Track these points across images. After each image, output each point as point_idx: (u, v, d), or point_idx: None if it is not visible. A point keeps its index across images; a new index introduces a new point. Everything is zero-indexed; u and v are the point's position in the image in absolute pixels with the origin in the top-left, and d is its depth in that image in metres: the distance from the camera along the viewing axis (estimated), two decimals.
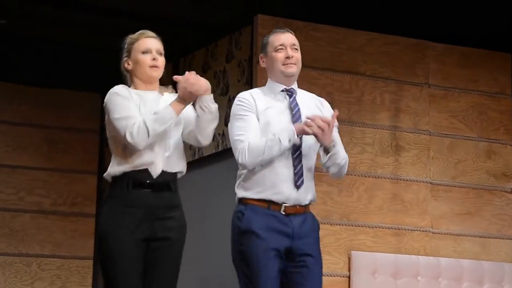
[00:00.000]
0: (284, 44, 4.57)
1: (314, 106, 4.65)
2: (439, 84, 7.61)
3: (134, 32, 7.16)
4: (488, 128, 7.71)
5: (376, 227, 7.19)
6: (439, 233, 7.39)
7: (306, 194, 4.65)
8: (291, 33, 4.65)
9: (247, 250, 4.47)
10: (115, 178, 4.39)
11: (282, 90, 4.60)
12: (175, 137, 4.48)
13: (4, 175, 8.54)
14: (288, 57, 4.54)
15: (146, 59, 4.44)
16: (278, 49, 4.56)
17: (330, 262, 6.93)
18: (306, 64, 6.93)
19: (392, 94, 7.44)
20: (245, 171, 4.52)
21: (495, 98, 7.77)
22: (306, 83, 7.02)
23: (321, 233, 6.81)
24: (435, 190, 7.45)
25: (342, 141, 7.03)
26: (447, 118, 7.60)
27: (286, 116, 4.54)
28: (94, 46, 7.89)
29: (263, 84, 6.60)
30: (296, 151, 4.53)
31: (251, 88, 6.82)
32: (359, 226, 7.14)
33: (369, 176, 7.25)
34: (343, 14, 7.27)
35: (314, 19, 7.23)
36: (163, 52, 4.52)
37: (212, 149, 7.38)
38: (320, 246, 6.69)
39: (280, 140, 4.39)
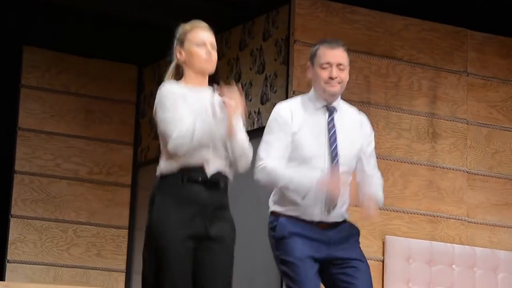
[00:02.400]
0: (331, 63, 4.46)
1: (352, 127, 4.58)
2: (478, 73, 7.54)
3: (172, 9, 7.35)
4: None
5: (411, 213, 7.15)
6: (474, 223, 7.34)
7: (338, 216, 4.57)
8: (342, 49, 4.52)
9: (284, 254, 4.44)
10: (167, 173, 4.24)
11: (323, 106, 4.52)
12: None
13: (41, 141, 8.54)
14: (331, 78, 4.44)
15: (201, 52, 4.35)
16: (323, 66, 4.46)
17: (365, 245, 6.71)
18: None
19: (430, 80, 7.38)
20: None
21: None
22: None
23: (355, 217, 6.84)
24: (472, 179, 7.40)
25: (377, 126, 7.07)
26: (486, 108, 7.54)
27: (322, 136, 4.47)
28: (134, 19, 7.93)
29: (300, 64, 6.86)
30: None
31: (287, 67, 7.00)
32: (394, 211, 7.11)
33: (405, 162, 7.20)
34: None
35: (351, 1, 7.17)
36: (216, 46, 4.43)
37: (248, 127, 7.23)
38: None
39: (298, 186, 4.37)
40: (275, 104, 6.93)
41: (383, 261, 6.90)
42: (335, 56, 4.46)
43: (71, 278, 8.32)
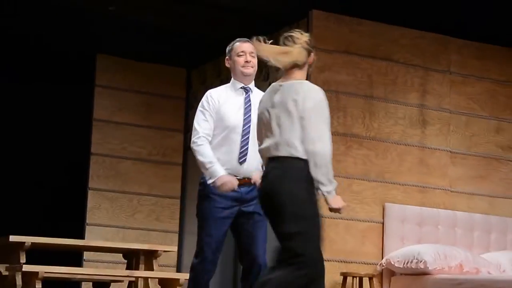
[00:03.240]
0: (245, 51, 4.65)
1: None
2: (459, 72, 7.51)
3: (214, 23, 7.38)
4: (497, 109, 7.62)
5: (405, 185, 7.14)
6: (456, 192, 7.33)
7: (248, 173, 4.60)
8: (250, 43, 4.59)
9: (203, 210, 4.61)
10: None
11: (241, 88, 4.68)
12: None
13: (111, 129, 8.53)
14: (247, 61, 4.64)
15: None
16: (240, 54, 4.66)
17: (368, 211, 6.98)
18: (351, 52, 7.13)
19: (420, 78, 7.35)
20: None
21: (504, 85, 7.67)
22: (350, 67, 7.13)
23: (360, 187, 7.01)
24: (454, 157, 7.38)
25: (379, 115, 7.12)
26: (465, 100, 7.51)
27: (241, 109, 4.63)
28: (183, 32, 7.88)
29: (316, 66, 6.70)
30: (245, 135, 4.59)
31: None
32: (391, 183, 7.10)
33: (400, 144, 7.19)
34: (383, 12, 7.19)
35: (358, 14, 7.15)
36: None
37: None
38: (360, 198, 6.90)
39: (207, 171, 4.53)
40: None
41: (383, 223, 6.89)
42: (248, 47, 4.65)
43: (136, 238, 8.28)
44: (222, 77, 8.14)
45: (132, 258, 6.71)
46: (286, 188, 3.90)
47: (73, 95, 8.64)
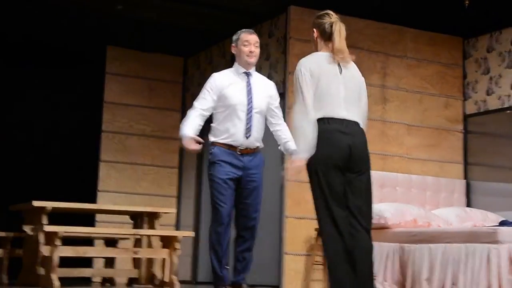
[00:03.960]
0: (250, 42, 4.62)
1: (262, 87, 4.67)
2: (414, 57, 7.54)
3: (204, 18, 7.28)
4: (446, 88, 7.63)
5: (369, 153, 7.06)
6: (411, 158, 7.37)
7: (254, 142, 4.63)
8: (256, 35, 4.65)
9: (213, 175, 4.58)
10: None
11: (243, 72, 4.65)
12: None
13: (120, 110, 8.47)
14: (251, 51, 4.60)
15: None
16: (245, 44, 4.61)
17: None
18: None
19: (382, 63, 7.37)
20: (214, 124, 4.63)
21: (451, 68, 7.69)
22: None
23: None
24: (410, 129, 7.41)
25: None
26: (419, 81, 7.54)
27: (244, 91, 4.60)
28: (180, 26, 7.81)
29: (294, 53, 6.91)
30: (248, 113, 4.57)
31: (285, 55, 6.94)
32: None
33: None
34: (350, 6, 7.07)
35: (329, 9, 6.91)
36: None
37: None
38: None
39: (181, 129, 4.60)
40: (277, 81, 6.94)
41: None
42: (253, 38, 4.64)
43: (141, 202, 8.21)
44: (213, 64, 8.16)
45: (137, 219, 6.71)
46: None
47: (87, 81, 8.61)
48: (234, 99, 4.59)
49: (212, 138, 4.65)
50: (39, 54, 8.46)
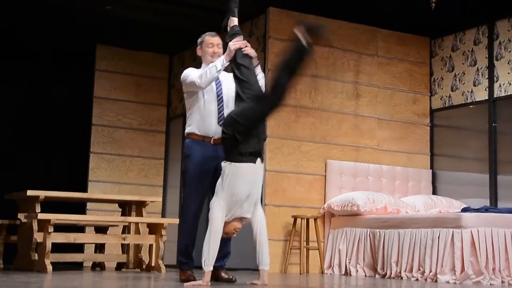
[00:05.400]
0: (213, 43, 4.61)
1: (229, 77, 4.53)
2: (384, 55, 7.56)
3: (187, 18, 7.23)
4: (415, 85, 7.66)
5: (343, 145, 7.17)
6: (382, 150, 7.39)
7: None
8: (218, 37, 4.63)
9: (187, 167, 4.48)
10: None
11: None
12: None
13: (108, 104, 8.44)
14: (214, 52, 4.58)
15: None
16: (209, 46, 4.61)
17: (314, 166, 6.98)
18: None
19: (355, 61, 7.38)
20: (189, 114, 4.54)
21: (419, 66, 7.71)
22: None
23: (307, 148, 7.01)
24: (381, 123, 7.43)
25: (322, 90, 7.12)
26: (389, 78, 7.56)
27: (213, 85, 4.55)
28: (166, 25, 7.81)
29: (273, 51, 6.96)
30: (219, 101, 4.53)
31: (265, 53, 6.93)
32: (332, 144, 7.13)
33: (339, 113, 7.22)
34: (324, 8, 7.18)
35: (305, 11, 7.10)
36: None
37: None
38: (307, 156, 6.90)
39: (213, 67, 4.40)
40: None
41: (325, 176, 6.91)
42: (216, 40, 4.63)
43: (129, 191, 8.22)
44: (197, 61, 7.94)
45: (126, 207, 6.69)
46: None
47: (78, 78, 8.51)
48: (207, 91, 4.54)
49: (187, 129, 4.60)
50: (35, 52, 8.38)
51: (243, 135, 4.01)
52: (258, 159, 4.05)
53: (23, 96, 8.44)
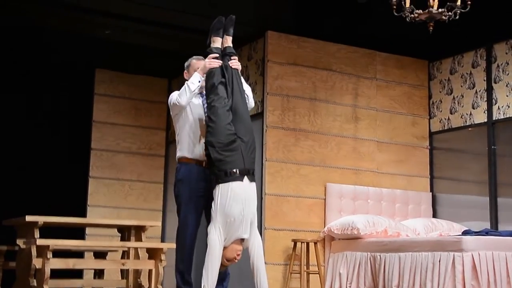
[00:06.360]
0: (200, 68, 4.57)
1: None
2: (383, 78, 7.56)
3: (187, 42, 7.29)
4: (413, 108, 7.65)
5: (342, 168, 7.16)
6: (382, 173, 7.37)
7: None
8: (203, 60, 4.61)
9: (178, 193, 4.43)
10: None
11: (198, 93, 4.56)
12: None
13: (107, 129, 8.45)
14: (201, 76, 4.53)
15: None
16: (196, 70, 4.60)
17: (313, 190, 6.95)
18: (298, 63, 7.06)
19: (353, 84, 7.37)
20: (178, 138, 4.49)
21: (418, 89, 7.72)
22: (298, 75, 7.06)
23: (307, 171, 6.98)
24: (380, 146, 7.42)
25: (321, 113, 7.12)
26: (388, 101, 7.55)
27: (201, 107, 4.53)
28: (164, 49, 7.84)
29: (271, 75, 6.94)
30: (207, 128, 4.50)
31: (264, 77, 6.90)
32: (331, 167, 7.11)
33: (338, 136, 7.21)
34: (323, 32, 7.25)
35: (304, 34, 7.16)
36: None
37: (254, 111, 6.91)
38: (307, 179, 6.88)
39: (190, 83, 4.46)
40: (256, 101, 6.82)
41: (325, 199, 6.88)
42: (201, 64, 4.59)
43: (128, 216, 8.21)
44: None
45: (125, 232, 6.56)
46: None
47: (77, 102, 8.52)
48: (194, 116, 4.51)
49: (178, 154, 4.55)
50: (33, 76, 8.40)
51: (222, 152, 4.03)
52: (246, 178, 4.05)
53: (21, 120, 8.42)
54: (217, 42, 4.56)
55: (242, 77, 4.56)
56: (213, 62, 4.44)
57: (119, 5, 6.67)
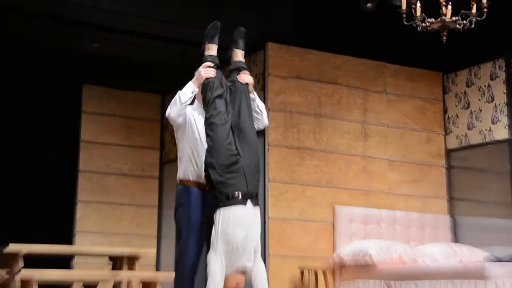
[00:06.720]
0: None
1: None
2: (394, 92, 7.55)
3: (181, 54, 7.26)
4: (427, 123, 7.65)
5: (351, 189, 7.12)
6: (394, 194, 7.33)
7: None
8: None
9: (180, 220, 4.31)
10: None
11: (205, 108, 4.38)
12: None
13: (97, 149, 8.49)
14: None
15: None
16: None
17: (320, 212, 6.92)
18: (301, 77, 7.08)
19: (361, 98, 7.36)
20: (180, 157, 4.34)
21: (432, 103, 7.71)
22: (302, 90, 7.09)
23: (313, 192, 6.99)
24: (392, 164, 7.39)
25: (327, 130, 7.07)
26: (399, 116, 7.55)
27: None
28: (157, 63, 7.85)
29: (273, 90, 6.93)
30: None
31: (265, 92, 6.92)
32: (339, 188, 7.07)
33: (346, 154, 7.18)
34: (327, 43, 7.25)
35: (307, 45, 7.15)
36: None
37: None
38: (313, 201, 6.84)
39: (182, 94, 4.32)
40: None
41: (333, 223, 6.84)
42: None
43: (120, 243, 8.17)
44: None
45: (117, 260, 6.48)
46: None
47: (63, 120, 8.48)
48: (200, 134, 4.35)
49: (179, 176, 4.40)
50: (16, 91, 8.37)
51: (223, 174, 3.98)
52: (249, 201, 3.98)
53: (3, 138, 8.34)
54: (212, 50, 4.41)
55: (255, 93, 4.42)
56: (208, 71, 4.29)
57: (107, 17, 6.67)
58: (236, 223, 3.92)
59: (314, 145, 6.98)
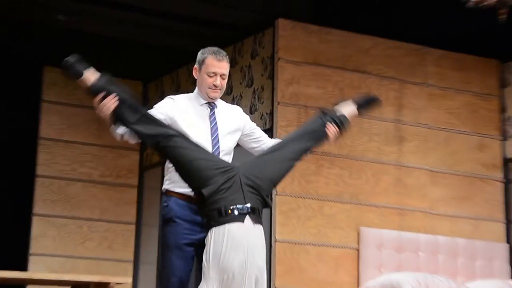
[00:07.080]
0: (216, 73, 4.44)
1: (229, 117, 4.52)
2: (437, 84, 7.56)
3: (172, 32, 7.32)
4: (480, 124, 7.66)
5: (381, 207, 7.13)
6: (437, 214, 7.33)
7: None
8: (226, 61, 4.48)
9: (166, 236, 4.36)
10: None
11: (205, 103, 4.51)
12: None
13: (60, 148, 8.52)
14: (215, 85, 4.43)
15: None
16: (210, 75, 4.44)
17: (342, 236, 6.97)
18: (320, 63, 7.09)
19: (396, 91, 7.37)
20: (167, 167, 4.45)
21: (485, 99, 7.72)
22: (320, 79, 7.12)
23: (333, 210, 7.07)
24: (434, 176, 7.38)
25: (351, 131, 6.94)
26: (444, 114, 7.55)
27: (206, 124, 4.46)
28: (138, 42, 7.91)
29: (283, 78, 6.87)
30: (215, 146, 4.45)
31: (273, 81, 6.99)
32: (367, 205, 7.08)
33: (375, 162, 7.19)
34: (353, 20, 7.28)
35: (327, 23, 7.17)
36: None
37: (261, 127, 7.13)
38: (333, 221, 6.81)
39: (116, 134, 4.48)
40: (263, 113, 6.97)
41: (358, 249, 6.86)
42: (221, 68, 4.44)
43: (86, 268, 8.21)
44: (181, 90, 8.16)
45: None
46: None
47: (17, 111, 8.48)
48: (194, 139, 4.37)
49: (166, 185, 4.47)
50: None
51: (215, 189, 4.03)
52: (248, 218, 3.96)
53: None
54: (90, 78, 4.29)
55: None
56: (103, 108, 4.31)
57: None
58: (232, 245, 3.91)
59: (335, 149, 6.94)
